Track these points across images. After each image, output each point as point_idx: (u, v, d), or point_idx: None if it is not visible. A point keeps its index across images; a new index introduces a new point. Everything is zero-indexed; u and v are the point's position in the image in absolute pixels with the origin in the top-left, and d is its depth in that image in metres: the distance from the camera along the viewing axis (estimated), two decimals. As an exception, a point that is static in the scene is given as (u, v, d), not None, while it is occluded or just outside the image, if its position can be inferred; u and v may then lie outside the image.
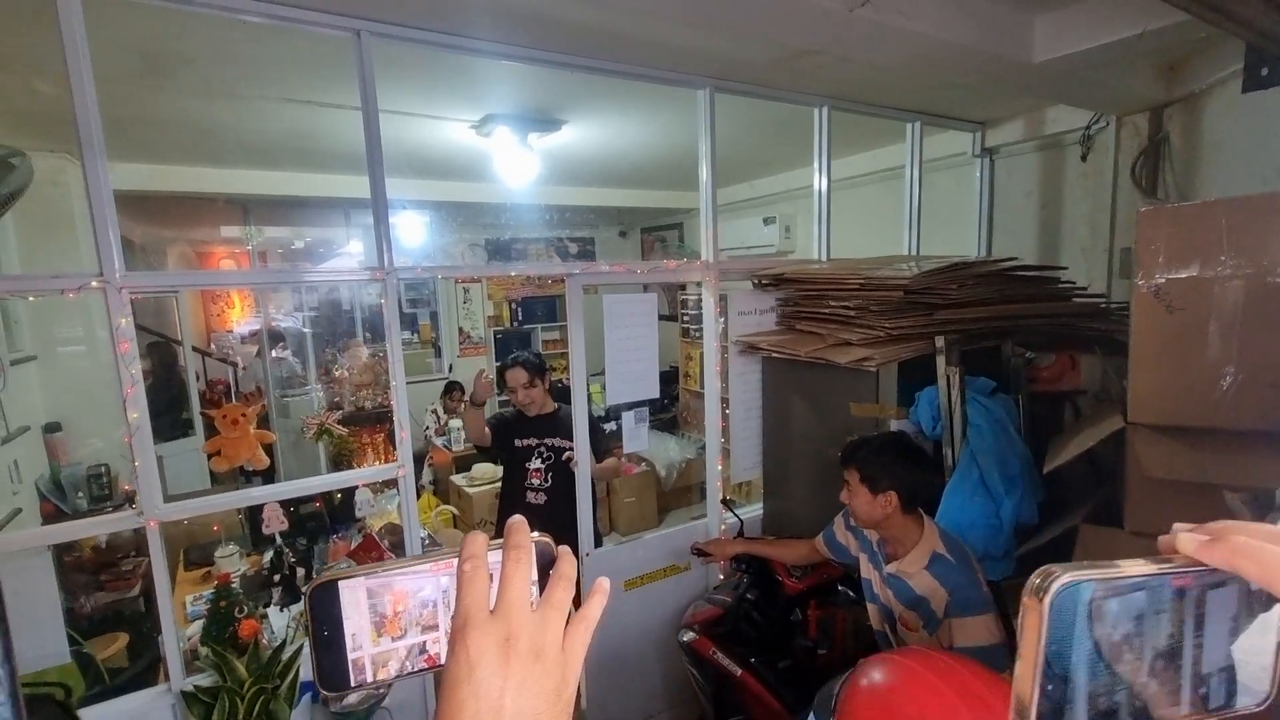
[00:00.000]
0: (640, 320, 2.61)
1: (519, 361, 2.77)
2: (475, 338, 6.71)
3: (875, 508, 1.72)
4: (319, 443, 2.01)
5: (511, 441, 2.81)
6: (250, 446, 1.89)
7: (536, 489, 2.78)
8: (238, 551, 2.84)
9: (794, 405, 2.75)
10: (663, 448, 5.38)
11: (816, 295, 2.55)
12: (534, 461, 2.78)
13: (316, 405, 2.06)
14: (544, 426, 2.80)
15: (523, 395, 2.75)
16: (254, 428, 1.94)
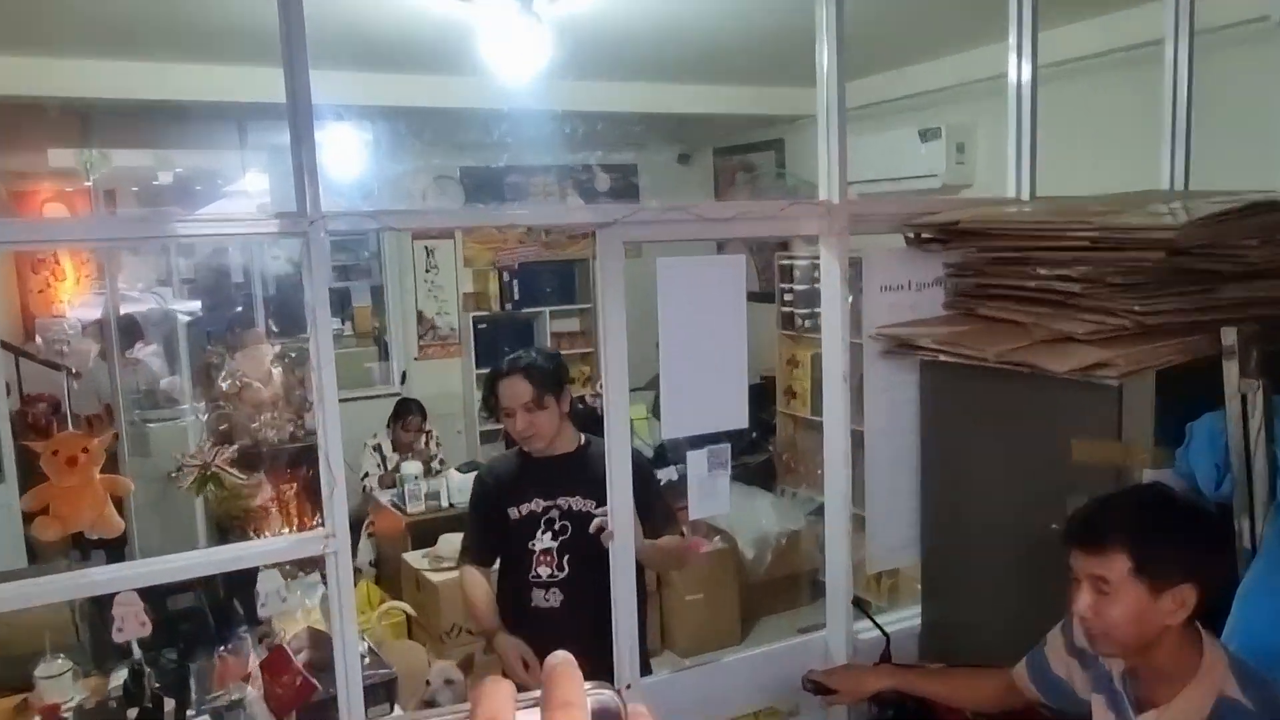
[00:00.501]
0: (717, 300, 2.60)
1: (519, 367, 2.75)
2: (444, 328, 6.82)
3: (1153, 618, 1.67)
4: (199, 496, 2.06)
5: (503, 510, 2.80)
6: (95, 501, 1.94)
7: (546, 584, 2.77)
8: (70, 670, 2.93)
9: (974, 443, 2.72)
10: (749, 512, 5.38)
11: (1015, 258, 2.51)
12: (540, 537, 2.77)
13: (195, 437, 2.10)
14: (558, 476, 2.79)
15: (522, 423, 2.73)
16: (100, 471, 1.99)
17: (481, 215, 2.27)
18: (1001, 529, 2.64)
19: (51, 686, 2.88)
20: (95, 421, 1.95)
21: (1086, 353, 2.21)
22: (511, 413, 2.74)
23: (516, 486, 2.81)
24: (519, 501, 2.79)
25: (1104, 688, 1.88)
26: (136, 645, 2.15)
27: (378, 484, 5.68)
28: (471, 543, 2.96)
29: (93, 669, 3.15)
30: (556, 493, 2.78)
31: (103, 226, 1.99)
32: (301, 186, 2.05)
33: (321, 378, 2.10)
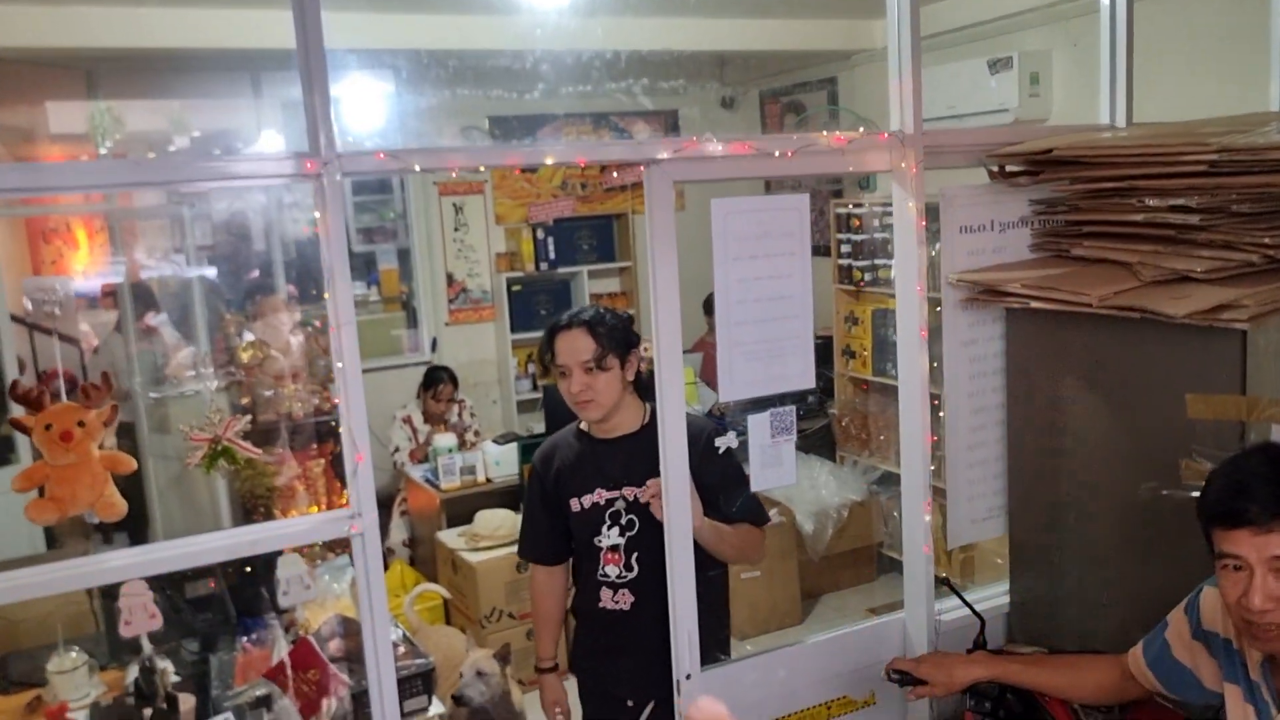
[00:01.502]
0: (779, 245, 2.47)
1: (582, 321, 2.56)
2: (475, 291, 6.72)
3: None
4: (211, 473, 1.96)
5: (563, 500, 2.65)
6: (95, 481, 1.85)
7: (614, 584, 2.63)
8: (85, 664, 2.87)
9: (1069, 401, 2.60)
10: (807, 483, 5.24)
11: (1118, 189, 2.37)
12: (606, 533, 2.62)
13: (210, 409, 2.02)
14: (621, 461, 2.61)
15: (578, 384, 2.54)
16: (100, 447, 1.89)
17: (512, 152, 2.12)
18: (1102, 497, 2.54)
19: (64, 682, 2.83)
20: (92, 392, 1.83)
21: (1207, 293, 2.09)
22: (568, 372, 2.56)
23: (576, 474, 2.65)
24: (579, 492, 2.63)
25: (1239, 677, 1.78)
26: (147, 639, 2.04)
27: (409, 459, 5.60)
28: (530, 538, 2.82)
29: (111, 662, 3.10)
30: (621, 482, 2.60)
31: (108, 170, 1.88)
32: (314, 125, 1.95)
33: (342, 338, 1.99)
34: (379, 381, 6.09)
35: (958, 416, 2.78)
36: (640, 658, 2.55)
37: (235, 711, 2.55)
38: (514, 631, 4.58)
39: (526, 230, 6.67)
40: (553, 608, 2.77)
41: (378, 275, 6.64)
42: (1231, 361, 2.15)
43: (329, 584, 3.28)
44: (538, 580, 2.78)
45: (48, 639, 3.08)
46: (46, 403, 1.82)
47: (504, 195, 6.67)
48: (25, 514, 1.80)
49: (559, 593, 2.76)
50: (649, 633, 2.53)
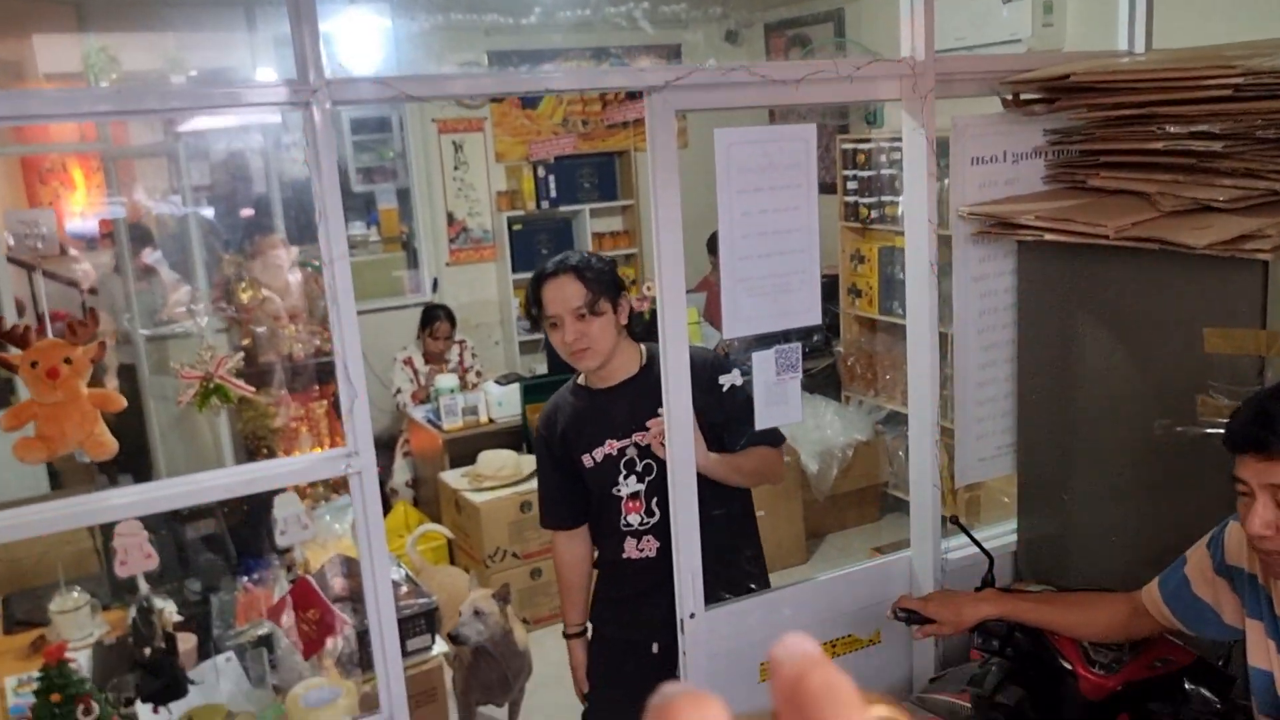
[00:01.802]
0: (785, 177, 2.40)
1: (569, 266, 2.44)
2: (476, 231, 6.64)
3: None
4: (204, 411, 1.91)
5: (574, 459, 2.57)
6: (84, 419, 1.81)
7: (638, 532, 2.57)
8: (87, 603, 2.87)
9: (1082, 337, 2.56)
10: (812, 423, 5.20)
11: (1137, 116, 2.31)
12: (624, 482, 2.55)
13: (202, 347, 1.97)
14: (625, 408, 2.53)
15: (571, 333, 2.42)
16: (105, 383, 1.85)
17: (510, 80, 2.05)
18: (1115, 434, 2.51)
19: (67, 621, 2.83)
20: (79, 328, 1.79)
21: (1229, 223, 2.03)
22: (559, 322, 2.42)
23: (582, 430, 2.55)
24: (589, 447, 2.53)
25: (1263, 613, 1.75)
26: (144, 580, 2.02)
27: (411, 400, 5.57)
28: (549, 505, 2.71)
29: (113, 602, 3.10)
30: (629, 429, 2.51)
31: (97, 98, 1.82)
32: (302, 53, 1.88)
33: (335, 274, 1.94)
34: (380, 323, 6.04)
35: (967, 354, 2.74)
36: (666, 600, 2.50)
37: (236, 651, 2.55)
38: (518, 571, 4.58)
39: (527, 168, 6.57)
40: (577, 574, 2.69)
41: (377, 215, 6.55)
42: (1252, 294, 2.10)
43: (330, 524, 3.27)
44: (559, 548, 2.69)
45: (51, 579, 3.09)
46: (32, 340, 1.78)
47: (504, 133, 6.56)
48: (13, 452, 1.76)
49: (583, 557, 2.69)
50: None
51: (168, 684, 2.12)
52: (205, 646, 2.59)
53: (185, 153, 5.75)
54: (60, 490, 4.36)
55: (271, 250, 4.99)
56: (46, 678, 1.94)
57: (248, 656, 2.48)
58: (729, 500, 2.58)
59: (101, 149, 5.75)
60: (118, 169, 5.77)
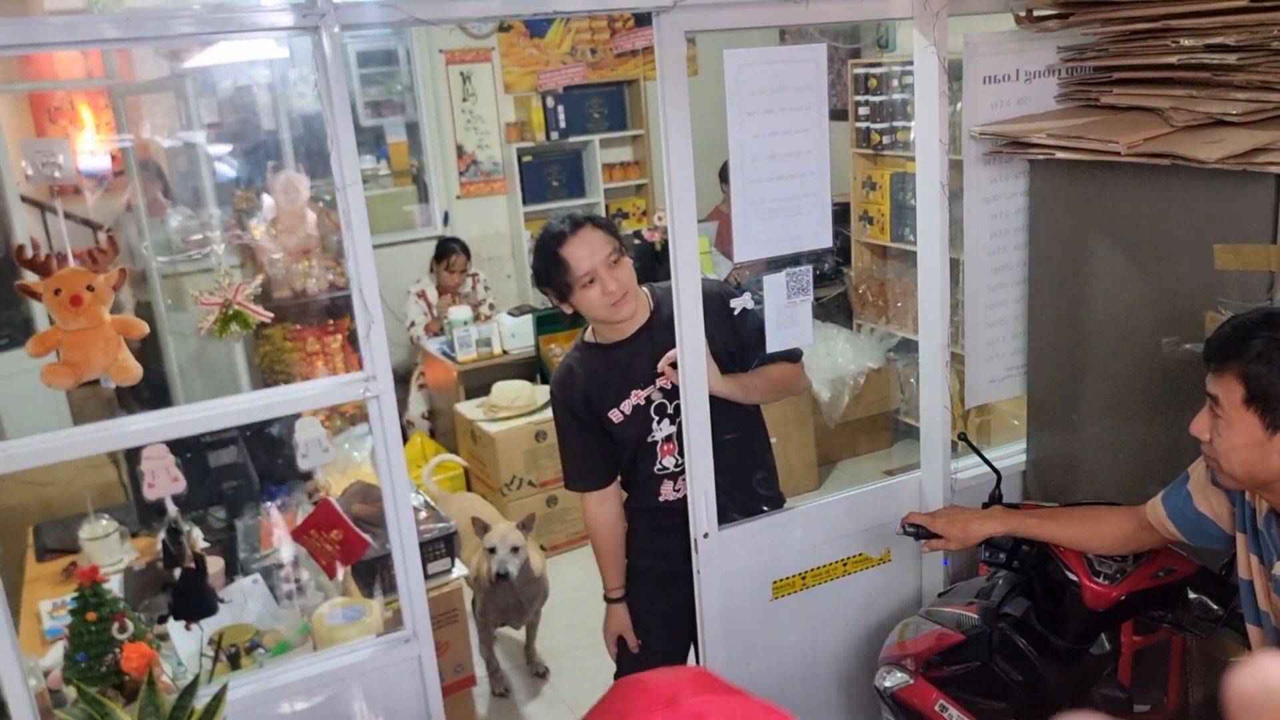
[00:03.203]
0: (795, 98, 2.39)
1: (586, 218, 2.38)
2: (486, 163, 6.61)
3: (1267, 455, 1.62)
4: (224, 338, 1.94)
5: (601, 418, 2.51)
6: (108, 345, 1.84)
7: (674, 473, 2.56)
8: (116, 530, 2.94)
9: (1094, 256, 2.56)
10: (824, 350, 5.22)
11: (1151, 29, 2.27)
12: (658, 427, 2.53)
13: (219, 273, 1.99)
14: (644, 356, 2.49)
15: (612, 282, 2.34)
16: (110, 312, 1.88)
17: (517, 2, 2.04)
18: (1124, 352, 2.52)
19: (97, 548, 2.90)
20: (99, 255, 1.81)
21: (1242, 137, 2.02)
22: (593, 277, 2.33)
23: (606, 388, 2.50)
24: (617, 401, 2.49)
25: (1247, 526, 1.80)
26: (173, 503, 2.07)
27: (425, 333, 5.60)
28: (577, 468, 2.62)
29: (141, 529, 3.17)
30: (652, 376, 2.49)
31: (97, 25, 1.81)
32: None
33: (349, 199, 1.95)
34: (392, 257, 6.05)
35: (977, 276, 2.75)
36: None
37: (263, 572, 2.61)
38: (535, 499, 4.64)
39: (536, 99, 6.51)
40: (612, 536, 2.63)
41: (386, 149, 6.52)
42: (1264, 209, 2.09)
43: (349, 452, 3.32)
44: (590, 511, 2.62)
45: (79, 509, 3.16)
46: (53, 268, 1.80)
47: (512, 63, 6.49)
48: (41, 378, 1.80)
49: (616, 518, 2.62)
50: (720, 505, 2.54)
51: (198, 602, 2.18)
52: (233, 569, 2.65)
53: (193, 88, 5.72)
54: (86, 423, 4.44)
55: (288, 184, 5.00)
56: (82, 597, 2.00)
57: (273, 577, 2.54)
58: (739, 423, 2.58)
59: (109, 85, 5.72)
60: (126, 106, 5.75)
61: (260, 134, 5.96)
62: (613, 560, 2.64)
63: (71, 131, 6.68)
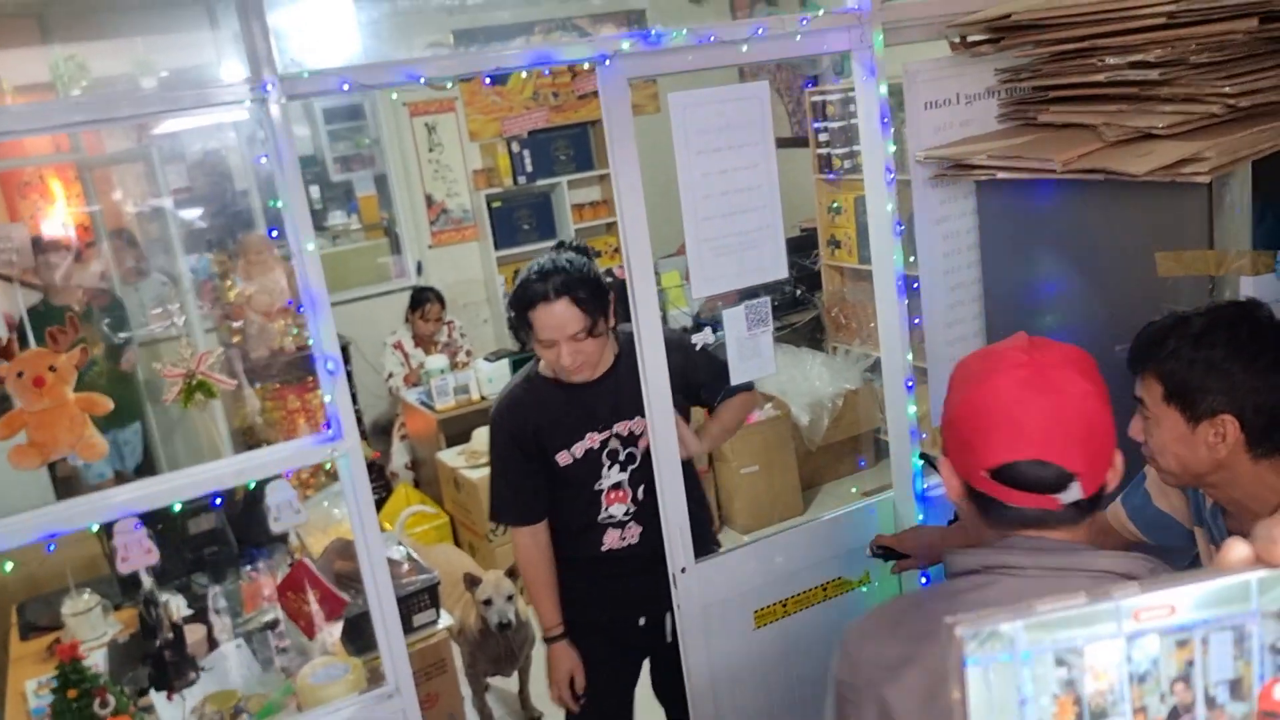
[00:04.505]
0: (741, 135, 2.44)
1: (564, 291, 2.28)
2: (456, 211, 6.67)
3: (1194, 448, 1.65)
4: (188, 407, 1.97)
5: (547, 457, 2.46)
6: (73, 423, 1.86)
7: (621, 522, 2.53)
8: (99, 604, 2.94)
9: (1044, 271, 2.60)
10: (800, 375, 5.26)
11: (1079, 50, 2.33)
12: (608, 473, 2.49)
13: (181, 345, 2.01)
14: (606, 399, 2.46)
15: (569, 357, 2.32)
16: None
17: (462, 61, 2.09)
18: (1081, 363, 2.52)
19: (81, 623, 2.90)
20: (60, 335, 1.84)
21: (1169, 149, 2.07)
22: (553, 344, 2.31)
23: (559, 425, 2.44)
24: (569, 442, 2.44)
25: (1202, 519, 1.84)
26: (148, 575, 2.09)
27: (403, 383, 5.63)
28: (512, 500, 2.53)
29: (124, 601, 3.17)
30: (611, 420, 2.45)
31: (54, 111, 1.86)
32: (254, 49, 1.92)
33: (305, 264, 1.99)
34: (367, 310, 6.09)
35: (934, 295, 2.78)
36: (651, 576, 2.50)
37: (245, 637, 2.62)
38: (521, 543, 4.65)
39: (502, 145, 6.58)
40: (548, 568, 2.54)
41: (356, 203, 6.58)
42: (1198, 216, 2.15)
43: (329, 510, 3.34)
44: (524, 544, 2.52)
45: (62, 584, 3.15)
46: (15, 350, 1.83)
47: (476, 111, 6.57)
48: (8, 460, 1.82)
49: (549, 551, 2.55)
50: (658, 557, 2.48)
51: (177, 671, 2.19)
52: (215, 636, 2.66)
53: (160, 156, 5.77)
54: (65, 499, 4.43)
55: (256, 251, 5.04)
56: (62, 675, 2.01)
57: (255, 641, 2.55)
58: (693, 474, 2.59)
59: (76, 158, 5.77)
60: (94, 177, 5.80)
61: (229, 196, 6.00)
62: (551, 593, 2.55)
63: (41, 205, 6.72)
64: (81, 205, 5.88)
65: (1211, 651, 0.55)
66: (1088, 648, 0.57)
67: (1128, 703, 0.57)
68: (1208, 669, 0.56)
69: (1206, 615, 0.55)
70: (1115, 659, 0.57)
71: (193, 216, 5.79)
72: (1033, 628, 0.56)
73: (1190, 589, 0.55)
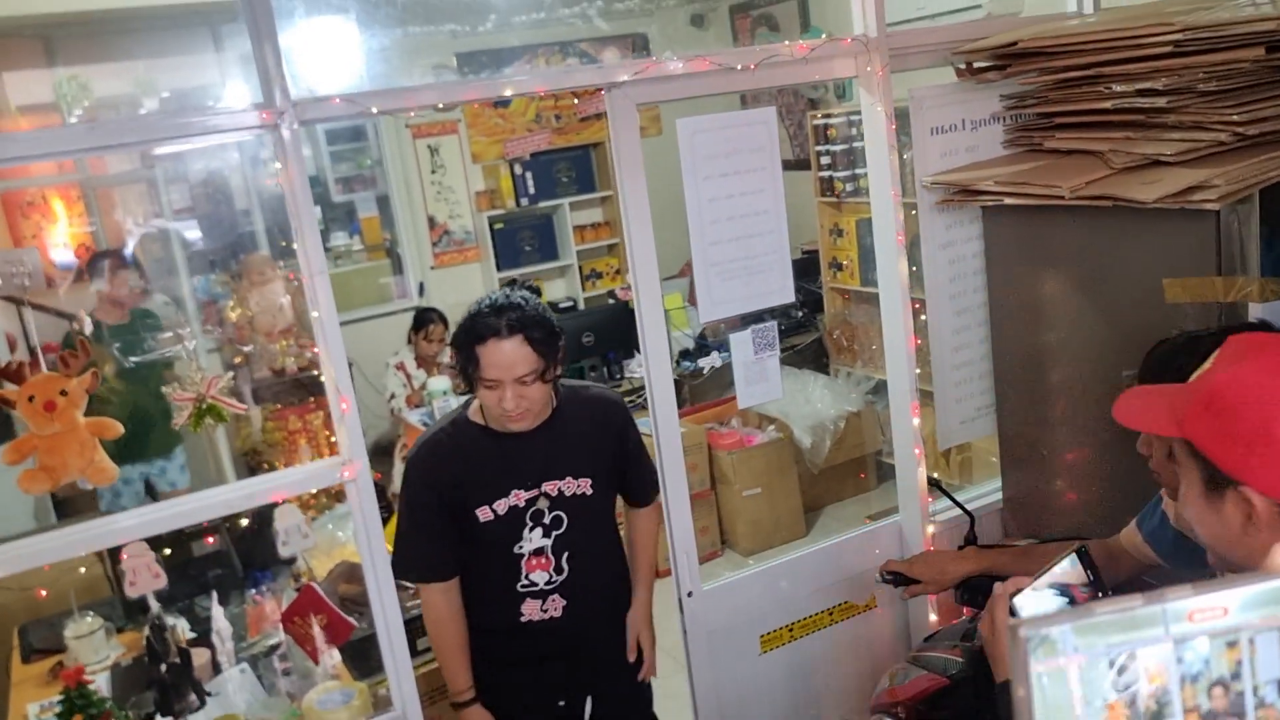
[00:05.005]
0: (748, 160, 2.45)
1: (519, 328, 2.09)
2: (458, 232, 6.68)
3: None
4: (198, 431, 1.97)
5: (466, 511, 2.23)
6: (83, 447, 1.86)
7: (542, 592, 2.28)
8: (101, 627, 2.92)
9: (1050, 296, 2.61)
10: (802, 397, 5.26)
11: (1085, 77, 2.35)
12: (528, 536, 2.24)
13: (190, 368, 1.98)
14: (538, 454, 2.24)
15: (512, 401, 2.10)
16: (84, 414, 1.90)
17: (471, 87, 2.10)
18: (1087, 387, 2.57)
19: (83, 646, 2.88)
20: (71, 359, 1.84)
21: (1178, 176, 2.08)
22: (497, 385, 2.10)
23: (482, 478, 2.22)
24: (491, 498, 2.21)
25: None
26: (155, 599, 2.08)
27: (405, 404, 5.62)
28: (423, 554, 2.27)
29: (127, 624, 3.15)
30: (540, 478, 2.23)
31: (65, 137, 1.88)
32: (266, 76, 1.92)
33: (316, 288, 2.00)
34: (370, 331, 6.09)
35: (940, 319, 2.79)
36: (575, 659, 2.35)
37: (250, 661, 2.61)
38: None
39: (504, 166, 6.61)
40: (459, 630, 2.30)
41: (359, 225, 6.60)
42: (1206, 243, 2.15)
43: (334, 532, 3.32)
44: (435, 603, 2.27)
45: (64, 607, 3.13)
46: (27, 375, 1.83)
47: (479, 133, 6.60)
48: (18, 484, 1.81)
49: (460, 611, 2.30)
50: (587, 634, 2.34)
51: (185, 696, 2.18)
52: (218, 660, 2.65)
53: (163, 176, 5.79)
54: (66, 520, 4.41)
55: (260, 270, 5.04)
56: (68, 700, 2.00)
57: (261, 666, 2.54)
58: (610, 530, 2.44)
59: (80, 179, 5.78)
60: (98, 197, 5.80)
61: (232, 216, 6.02)
62: (462, 656, 2.30)
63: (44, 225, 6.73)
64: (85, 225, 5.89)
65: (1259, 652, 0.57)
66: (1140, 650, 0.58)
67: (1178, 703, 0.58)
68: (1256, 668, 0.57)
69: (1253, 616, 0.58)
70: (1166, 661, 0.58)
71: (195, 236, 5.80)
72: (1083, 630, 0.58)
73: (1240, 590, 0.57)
